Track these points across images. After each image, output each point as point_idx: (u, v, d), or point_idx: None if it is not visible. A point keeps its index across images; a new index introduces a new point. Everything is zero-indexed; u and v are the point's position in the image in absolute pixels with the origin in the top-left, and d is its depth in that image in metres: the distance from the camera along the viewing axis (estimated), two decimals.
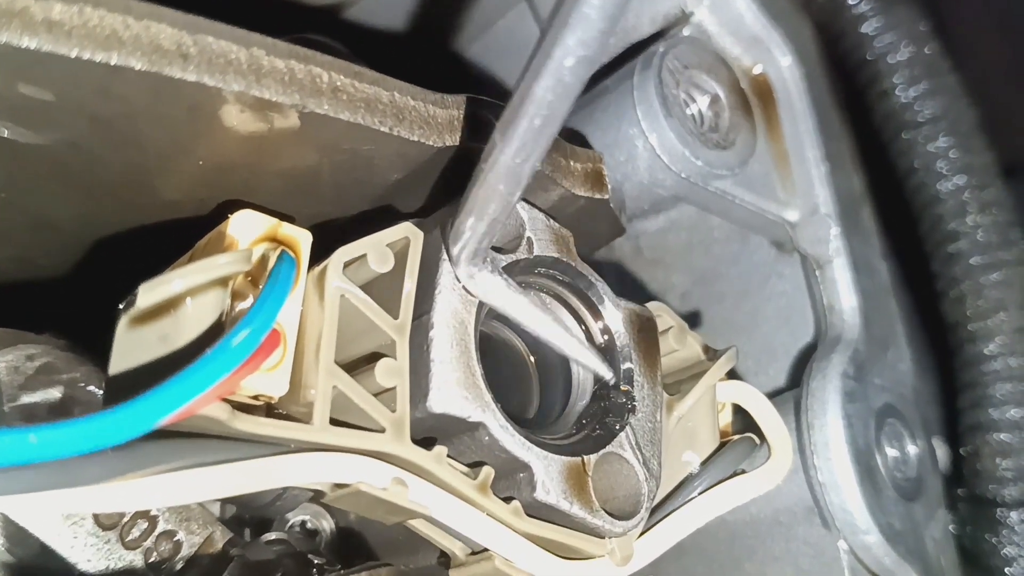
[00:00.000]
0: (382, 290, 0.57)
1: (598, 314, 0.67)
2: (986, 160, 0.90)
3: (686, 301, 0.94)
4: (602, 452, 0.62)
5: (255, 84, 0.54)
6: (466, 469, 0.59)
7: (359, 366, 0.56)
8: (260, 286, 0.51)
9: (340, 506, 0.59)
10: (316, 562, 0.66)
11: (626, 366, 0.66)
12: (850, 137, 0.94)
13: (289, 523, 0.78)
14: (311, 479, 0.54)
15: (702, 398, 0.72)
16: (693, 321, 0.90)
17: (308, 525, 0.78)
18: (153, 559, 0.63)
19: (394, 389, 0.55)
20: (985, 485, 0.85)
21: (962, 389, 0.88)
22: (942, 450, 0.90)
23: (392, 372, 0.55)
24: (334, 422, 0.53)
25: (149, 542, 0.64)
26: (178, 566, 0.65)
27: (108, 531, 0.62)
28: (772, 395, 0.79)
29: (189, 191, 0.63)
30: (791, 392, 0.82)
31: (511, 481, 0.59)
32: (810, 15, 0.94)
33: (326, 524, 0.79)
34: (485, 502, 0.58)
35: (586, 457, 0.61)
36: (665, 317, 0.73)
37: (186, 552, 0.65)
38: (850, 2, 0.91)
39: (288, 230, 0.54)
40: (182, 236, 0.58)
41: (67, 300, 0.74)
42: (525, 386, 0.67)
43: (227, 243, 0.53)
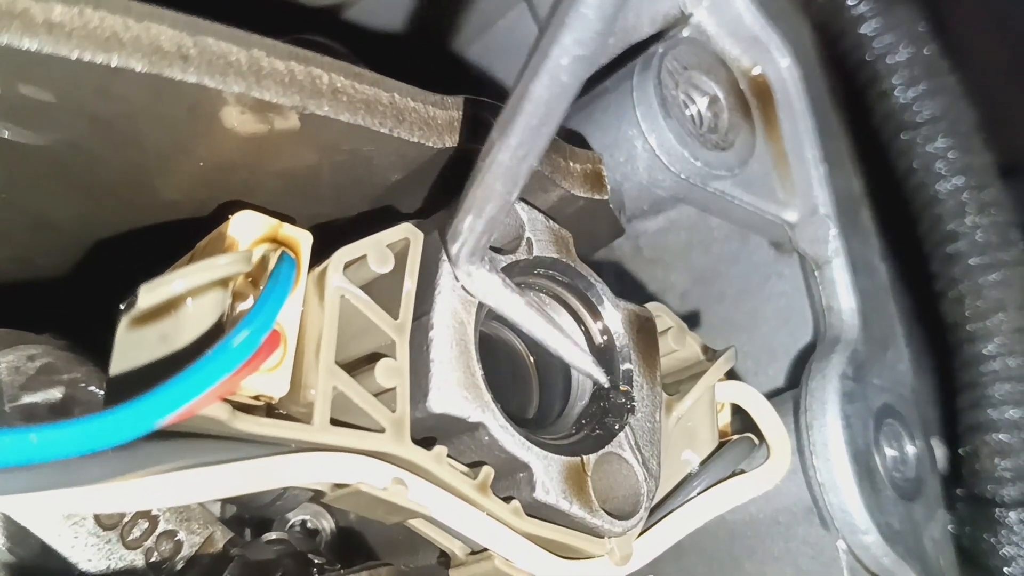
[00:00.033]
0: (382, 290, 0.57)
1: (597, 315, 0.67)
2: (985, 161, 0.90)
3: (685, 301, 0.94)
4: (601, 452, 0.62)
5: (255, 86, 0.54)
6: (466, 469, 0.59)
7: (359, 366, 0.56)
8: (260, 287, 0.51)
9: (340, 506, 0.59)
10: (316, 562, 0.66)
11: (625, 366, 0.66)
12: (849, 138, 0.94)
13: (289, 523, 0.78)
14: (311, 479, 0.54)
15: (701, 398, 0.72)
16: (692, 321, 0.90)
17: (308, 525, 0.79)
18: (154, 559, 0.64)
19: (394, 389, 0.55)
20: (984, 485, 0.85)
21: (961, 389, 0.88)
22: (941, 450, 0.90)
23: (392, 372, 0.55)
24: (334, 422, 0.53)
25: (150, 542, 0.64)
26: (179, 566, 0.65)
27: (109, 531, 0.62)
28: (771, 395, 0.79)
29: (189, 191, 0.63)
30: (790, 392, 0.82)
31: (511, 481, 0.60)
32: (809, 16, 0.94)
33: (326, 524, 0.79)
34: (485, 502, 0.58)
35: (585, 457, 0.61)
36: (664, 317, 0.73)
37: (187, 552, 0.65)
38: (849, 3, 0.91)
39: (288, 231, 0.54)
40: (182, 236, 0.58)
41: (67, 300, 0.75)
42: (525, 386, 0.67)
43: (228, 244, 0.53)
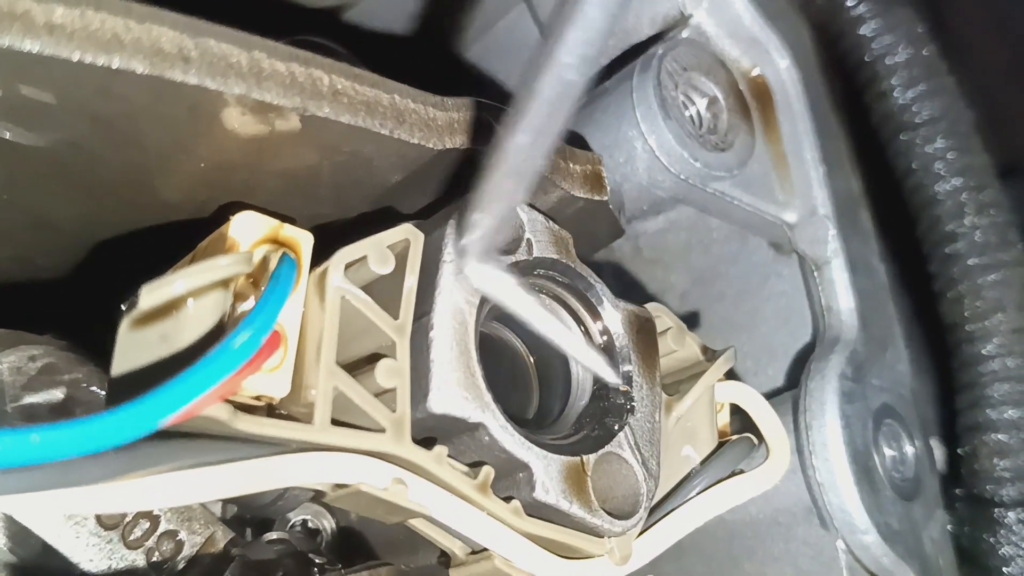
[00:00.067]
0: (383, 291, 0.57)
1: (597, 315, 0.67)
2: (984, 161, 0.90)
3: (685, 301, 0.94)
4: (601, 452, 0.62)
5: (256, 87, 0.54)
6: (466, 469, 0.59)
7: (360, 367, 0.56)
8: (261, 287, 0.52)
9: (341, 506, 0.60)
10: (317, 561, 0.66)
11: (625, 367, 0.66)
12: (848, 138, 0.94)
13: (290, 523, 0.78)
14: (312, 479, 0.54)
15: (701, 398, 0.72)
16: (692, 321, 0.90)
17: (309, 525, 0.79)
18: (155, 559, 0.64)
19: (394, 389, 0.55)
20: (983, 485, 0.85)
21: (960, 390, 0.88)
22: (940, 450, 0.90)
23: (392, 372, 0.55)
24: (335, 422, 0.54)
25: (151, 542, 0.64)
26: (180, 566, 0.65)
27: (110, 531, 0.63)
28: (770, 395, 0.79)
29: (190, 192, 0.63)
30: (789, 392, 0.82)
31: (511, 481, 0.60)
32: (808, 17, 0.94)
33: (327, 524, 0.79)
34: (485, 502, 0.58)
35: (585, 457, 0.61)
36: (664, 318, 0.73)
37: (188, 552, 0.65)
38: (848, 4, 0.91)
39: (289, 231, 0.55)
40: (183, 237, 0.58)
41: (68, 300, 0.75)
42: (525, 386, 0.68)
43: (228, 244, 0.53)
